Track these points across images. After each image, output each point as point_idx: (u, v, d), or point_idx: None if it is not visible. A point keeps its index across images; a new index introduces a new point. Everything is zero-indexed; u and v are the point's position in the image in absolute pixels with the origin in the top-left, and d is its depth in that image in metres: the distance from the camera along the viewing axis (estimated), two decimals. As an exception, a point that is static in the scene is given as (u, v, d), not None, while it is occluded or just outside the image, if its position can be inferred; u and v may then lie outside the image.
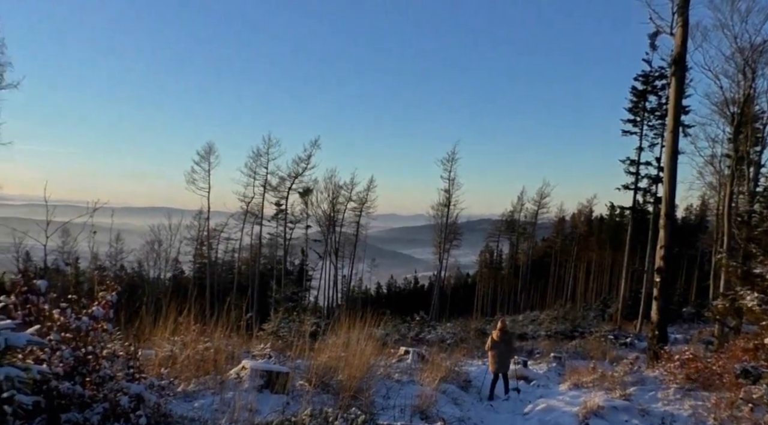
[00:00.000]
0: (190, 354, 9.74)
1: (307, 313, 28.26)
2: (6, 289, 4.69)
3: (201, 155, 46.73)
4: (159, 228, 49.56)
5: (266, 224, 50.84)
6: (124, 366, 5.46)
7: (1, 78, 30.20)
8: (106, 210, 20.68)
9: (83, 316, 4.53)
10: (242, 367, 9.17)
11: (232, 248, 54.78)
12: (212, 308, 14.76)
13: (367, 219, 56.63)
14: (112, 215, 15.04)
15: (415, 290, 79.14)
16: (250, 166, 48.08)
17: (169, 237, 50.19)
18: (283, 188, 49.28)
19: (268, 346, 13.55)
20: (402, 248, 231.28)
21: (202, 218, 49.49)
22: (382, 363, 11.93)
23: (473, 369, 15.17)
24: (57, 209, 21.80)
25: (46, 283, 4.46)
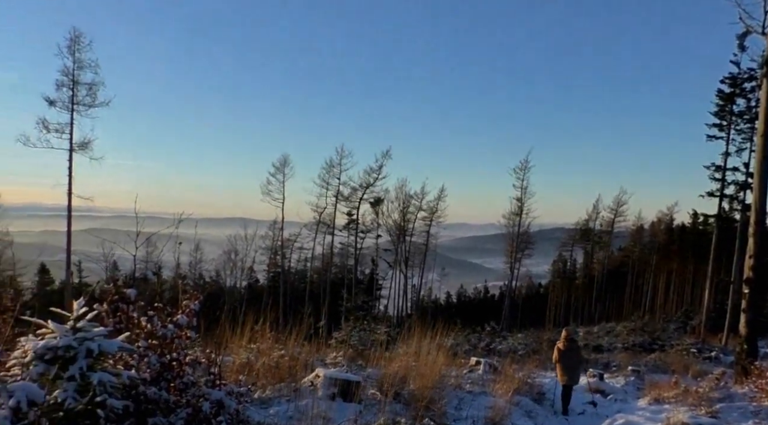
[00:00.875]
0: (265, 362, 9.99)
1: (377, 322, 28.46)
2: (97, 297, 4.97)
3: (276, 167, 48.23)
4: (236, 238, 51.23)
5: (338, 234, 51.68)
6: (206, 372, 5.66)
7: (94, 97, 32.24)
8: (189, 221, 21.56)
9: (169, 324, 4.74)
10: (316, 375, 9.31)
11: (305, 258, 55.83)
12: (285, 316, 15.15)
13: (437, 228, 56.52)
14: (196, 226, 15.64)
15: (485, 299, 78.16)
16: (323, 177, 49.19)
17: (245, 247, 51.76)
18: (354, 198, 50.05)
19: (340, 355, 13.73)
20: (472, 257, 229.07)
21: (277, 228, 50.83)
22: (453, 373, 11.86)
23: (546, 381, 14.82)
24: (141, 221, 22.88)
25: (135, 292, 4.71)
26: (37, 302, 28.79)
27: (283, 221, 49.33)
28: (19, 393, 3.01)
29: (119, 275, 46.23)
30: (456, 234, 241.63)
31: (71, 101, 31.66)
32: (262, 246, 52.79)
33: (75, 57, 31.35)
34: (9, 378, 3.91)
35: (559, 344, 13.00)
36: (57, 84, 31.52)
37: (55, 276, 44.60)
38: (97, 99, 32.21)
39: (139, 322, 4.90)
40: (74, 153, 31.85)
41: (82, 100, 31.91)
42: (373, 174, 48.91)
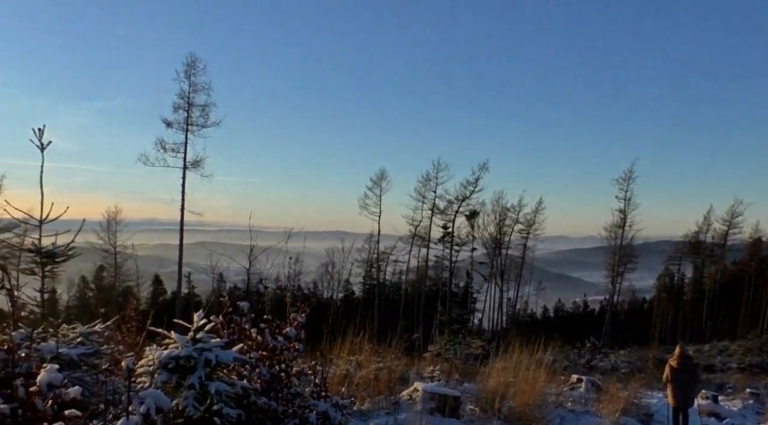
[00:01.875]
0: (364, 374, 10.11)
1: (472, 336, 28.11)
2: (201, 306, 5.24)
3: (373, 181, 49.12)
4: (333, 251, 52.39)
5: (433, 247, 51.70)
6: (311, 383, 5.83)
7: (207, 117, 34.34)
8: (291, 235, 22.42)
9: (279, 336, 4.92)
10: (414, 389, 9.32)
11: (400, 270, 56.16)
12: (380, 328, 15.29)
13: (534, 241, 55.28)
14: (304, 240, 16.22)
15: (584, 314, 75.18)
16: (419, 190, 49.57)
17: (342, 260, 52.80)
18: (450, 211, 49.98)
19: (437, 368, 13.66)
20: (570, 270, 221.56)
21: (373, 241, 51.55)
22: (553, 390, 11.51)
23: (653, 402, 14.05)
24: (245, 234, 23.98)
25: (248, 305, 4.93)
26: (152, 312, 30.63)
27: (379, 234, 50.00)
28: (149, 400, 3.24)
29: (224, 287, 48.47)
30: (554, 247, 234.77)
31: (186, 122, 33.87)
32: (359, 259, 53.66)
33: (191, 81, 33.57)
34: (136, 385, 4.20)
35: (671, 361, 11.87)
36: (174, 106, 33.88)
37: (167, 287, 47.38)
38: (209, 119, 34.35)
39: (250, 334, 5.13)
40: (187, 171, 33.96)
41: (195, 120, 34.07)
42: (470, 187, 48.70)
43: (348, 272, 54.54)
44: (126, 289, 42.63)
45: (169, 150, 33.86)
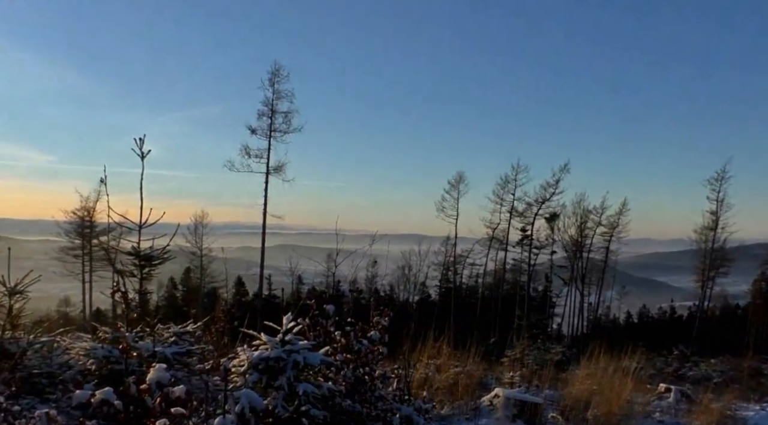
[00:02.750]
0: (443, 378, 10.08)
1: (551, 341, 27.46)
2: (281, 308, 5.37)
3: (451, 184, 48.97)
4: (410, 254, 52.53)
5: (511, 250, 50.91)
6: (393, 387, 5.87)
7: (289, 124, 35.42)
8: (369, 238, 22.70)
9: (363, 339, 4.99)
10: (495, 395, 9.20)
11: (476, 274, 55.57)
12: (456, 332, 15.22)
13: (617, 244, 53.25)
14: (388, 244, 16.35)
15: (671, 320, 71.72)
16: (497, 192, 48.98)
17: (419, 262, 52.81)
18: (529, 214, 49.10)
19: (517, 374, 13.44)
20: (656, 275, 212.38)
21: (449, 244, 51.32)
22: (639, 399, 11.07)
23: (750, 415, 13.22)
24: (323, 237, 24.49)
25: (333, 308, 5.03)
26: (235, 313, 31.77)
27: (456, 237, 49.77)
28: (244, 400, 3.35)
29: (303, 289, 49.56)
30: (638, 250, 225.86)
31: (269, 129, 35.06)
32: (435, 262, 53.51)
33: (274, 88, 34.72)
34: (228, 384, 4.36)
35: None
36: (258, 113, 35.18)
37: (249, 288, 48.93)
38: (291, 126, 35.41)
39: (334, 336, 5.22)
40: (270, 176, 35.09)
41: (278, 127, 35.23)
42: (550, 189, 47.59)
43: (424, 275, 54.50)
44: (211, 290, 44.39)
45: (253, 156, 35.11)
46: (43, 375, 5.90)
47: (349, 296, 38.58)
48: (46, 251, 40.90)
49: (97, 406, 2.62)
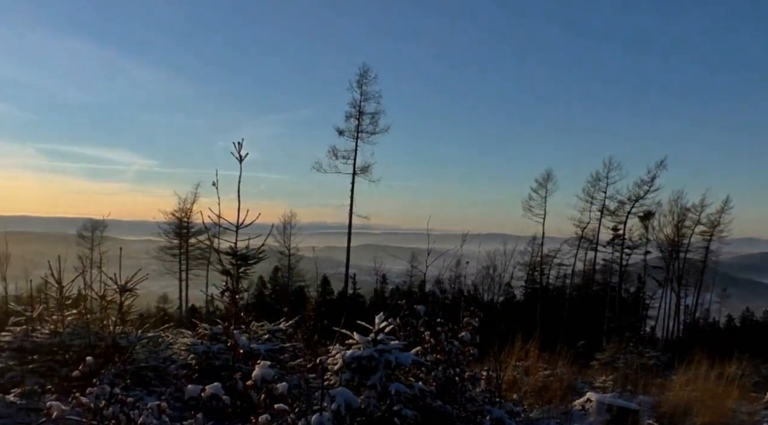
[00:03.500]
0: (532, 381, 9.89)
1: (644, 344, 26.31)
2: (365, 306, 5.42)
3: (539, 183, 48.03)
4: (495, 254, 51.87)
5: (601, 250, 49.29)
6: (484, 388, 5.81)
7: (376, 125, 35.94)
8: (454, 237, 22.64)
9: (454, 340, 4.97)
10: (587, 399, 8.93)
11: (564, 274, 54.05)
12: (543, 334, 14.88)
13: (718, 244, 50.27)
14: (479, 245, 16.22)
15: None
16: (588, 191, 47.62)
17: (504, 262, 52.04)
18: (621, 213, 47.37)
19: (609, 379, 12.99)
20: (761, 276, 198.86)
21: (536, 243, 50.29)
22: (744, 408, 10.41)
23: None
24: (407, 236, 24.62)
25: (424, 308, 5.04)
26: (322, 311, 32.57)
27: (543, 236, 48.72)
28: (339, 398, 3.42)
29: (387, 288, 49.96)
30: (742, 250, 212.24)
31: (356, 130, 35.73)
32: (521, 262, 52.56)
33: (362, 90, 35.33)
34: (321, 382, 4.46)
35: None
36: (346, 115, 35.97)
37: (334, 287, 49.83)
38: (378, 127, 35.91)
39: (424, 337, 5.23)
40: (356, 176, 35.71)
41: (365, 128, 35.85)
42: (644, 186, 45.65)
43: (509, 276, 53.62)
44: (298, 289, 45.54)
45: (341, 157, 35.87)
46: (149, 368, 6.26)
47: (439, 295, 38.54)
48: (148, 251, 43.34)
49: (207, 400, 2.76)
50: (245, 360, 6.01)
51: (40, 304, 6.54)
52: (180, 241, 42.16)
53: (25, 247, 18.43)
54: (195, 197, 41.62)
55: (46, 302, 6.88)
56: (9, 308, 7.36)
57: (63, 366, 6.00)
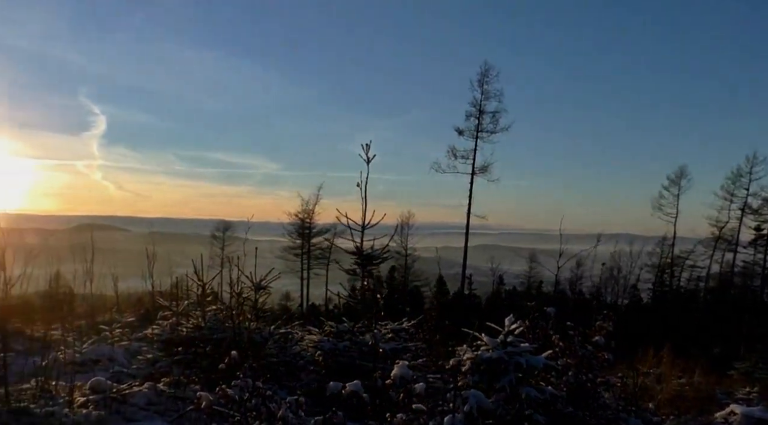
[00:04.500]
0: (666, 388, 9.37)
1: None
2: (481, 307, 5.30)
3: (671, 180, 45.32)
4: (619, 255, 49.44)
5: (741, 251, 45.55)
6: (618, 395, 5.53)
7: (496, 124, 35.53)
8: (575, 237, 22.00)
9: (587, 344, 4.77)
10: (731, 412, 8.27)
11: (697, 277, 50.44)
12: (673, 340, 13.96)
13: None
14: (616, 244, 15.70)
15: None
16: (727, 188, 44.26)
17: (629, 264, 49.45)
18: (765, 211, 43.59)
19: (755, 390, 12.03)
20: None
21: (666, 244, 47.35)
22: None
23: None
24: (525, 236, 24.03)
25: (554, 310, 4.88)
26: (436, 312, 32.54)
27: (675, 236, 45.81)
28: (472, 400, 3.38)
29: (503, 289, 49.06)
30: None
31: (476, 129, 35.46)
32: (648, 263, 49.64)
33: (483, 89, 35.05)
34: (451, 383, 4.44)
35: None
36: (466, 115, 35.84)
37: (450, 288, 49.66)
38: (498, 125, 35.45)
39: (554, 340, 5.06)
40: (475, 176, 35.45)
41: (485, 127, 35.51)
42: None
43: (635, 278, 50.80)
44: (414, 289, 45.82)
45: (459, 157, 35.76)
46: (280, 363, 6.54)
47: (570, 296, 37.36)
48: (272, 250, 45.47)
49: (345, 397, 2.82)
50: (372, 359, 6.12)
51: (185, 300, 7.04)
52: (302, 241, 43.82)
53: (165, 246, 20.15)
54: (317, 198, 43.17)
55: (188, 298, 7.40)
56: (157, 304, 7.99)
57: (204, 358, 6.41)
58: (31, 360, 7.14)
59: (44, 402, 4.99)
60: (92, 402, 5.22)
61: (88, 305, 12.37)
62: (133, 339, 9.37)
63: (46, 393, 5.30)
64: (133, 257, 22.08)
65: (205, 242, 45.36)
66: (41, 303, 11.61)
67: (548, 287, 46.55)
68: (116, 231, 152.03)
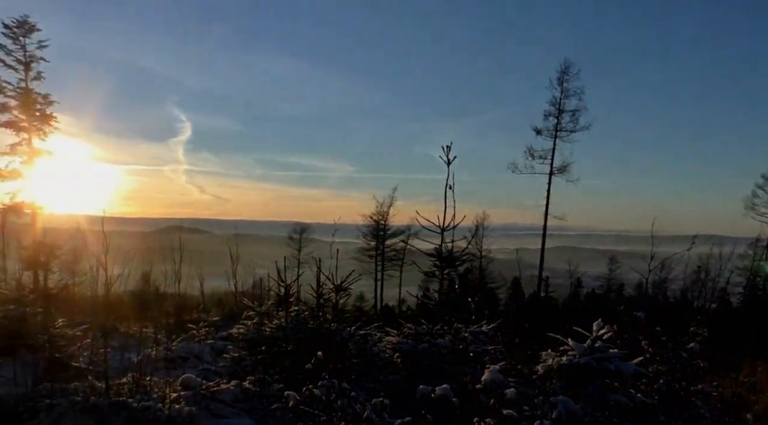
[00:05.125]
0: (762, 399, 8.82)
1: None
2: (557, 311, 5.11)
3: (766, 178, 42.83)
4: (708, 257, 46.95)
5: None
6: (713, 406, 5.24)
7: (576, 122, 34.63)
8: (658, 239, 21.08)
9: (681, 351, 4.55)
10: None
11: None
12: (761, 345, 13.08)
13: None
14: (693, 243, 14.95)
15: None
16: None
17: (719, 266, 46.87)
18: None
19: None
20: None
21: (760, 246, 44.64)
22: None
23: None
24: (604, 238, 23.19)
25: (644, 314, 4.68)
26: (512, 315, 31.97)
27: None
28: (561, 406, 3.29)
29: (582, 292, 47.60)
30: None
31: (555, 129, 34.67)
32: (740, 266, 46.91)
33: (563, 87, 34.26)
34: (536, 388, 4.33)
35: None
36: (544, 114, 35.09)
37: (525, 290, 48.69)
38: (578, 124, 34.54)
39: (643, 345, 4.85)
40: (553, 176, 34.69)
41: (564, 126, 34.65)
42: None
43: (725, 281, 48.12)
44: (489, 291, 45.19)
45: (537, 157, 35.04)
46: (360, 363, 6.60)
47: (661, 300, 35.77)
48: (346, 252, 46.03)
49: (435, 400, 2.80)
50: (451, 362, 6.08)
51: (267, 300, 7.22)
52: (377, 243, 44.12)
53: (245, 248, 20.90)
54: (392, 200, 43.39)
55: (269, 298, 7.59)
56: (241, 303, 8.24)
57: (286, 358, 6.56)
58: (126, 355, 7.53)
59: (140, 397, 5.24)
60: (183, 398, 5.44)
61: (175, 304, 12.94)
62: (218, 338, 9.69)
63: (141, 388, 5.55)
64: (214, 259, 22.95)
65: (282, 243, 46.42)
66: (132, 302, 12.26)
67: (629, 290, 44.85)
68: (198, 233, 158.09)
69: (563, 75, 34.10)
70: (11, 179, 15.62)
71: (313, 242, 46.53)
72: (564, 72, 34.09)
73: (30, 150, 15.73)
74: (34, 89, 15.75)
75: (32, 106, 15.61)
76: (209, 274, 18.76)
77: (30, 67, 15.62)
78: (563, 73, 34.10)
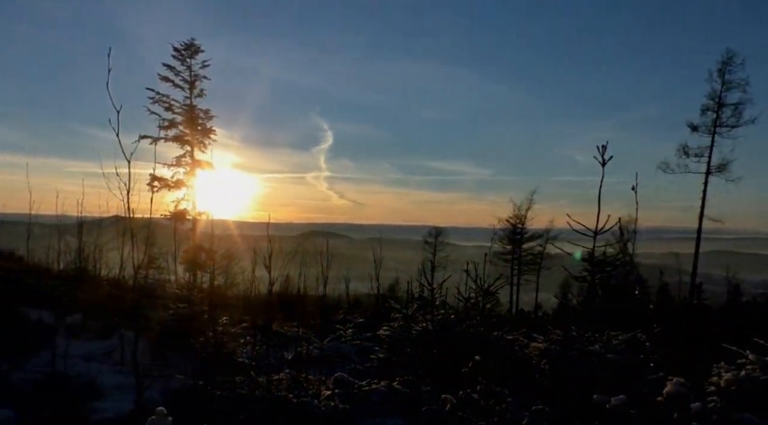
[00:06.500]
0: None
1: None
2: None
3: None
4: None
5: None
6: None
7: (739, 117, 31.85)
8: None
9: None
10: None
11: None
12: None
13: None
14: None
15: None
16: None
17: None
18: None
19: None
20: None
21: None
22: None
23: None
24: None
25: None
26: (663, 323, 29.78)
27: None
28: None
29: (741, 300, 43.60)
30: None
31: (714, 124, 32.09)
32: None
33: (724, 79, 31.72)
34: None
35: None
36: (702, 108, 32.55)
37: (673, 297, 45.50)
38: (741, 118, 31.73)
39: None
40: (710, 176, 32.10)
41: (725, 121, 31.93)
42: None
43: None
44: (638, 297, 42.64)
45: (692, 155, 32.58)
46: (508, 369, 6.48)
47: None
48: (479, 256, 45.52)
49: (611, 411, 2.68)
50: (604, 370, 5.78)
51: (413, 303, 7.32)
52: (513, 246, 43.26)
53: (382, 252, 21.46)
54: (530, 203, 42.38)
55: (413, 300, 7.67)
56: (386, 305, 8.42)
57: (432, 360, 6.60)
58: (279, 353, 7.97)
59: (297, 393, 5.50)
60: (336, 395, 5.64)
61: (320, 305, 13.51)
62: (363, 339, 9.97)
63: (297, 385, 5.84)
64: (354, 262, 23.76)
65: (417, 247, 46.92)
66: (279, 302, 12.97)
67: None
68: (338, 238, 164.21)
69: (725, 66, 31.43)
70: (176, 188, 17.19)
71: (448, 245, 46.57)
72: (726, 63, 31.42)
73: (192, 161, 17.23)
74: (197, 105, 17.27)
75: (195, 121, 17.10)
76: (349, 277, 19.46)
77: (194, 85, 17.14)
78: (725, 64, 31.43)
